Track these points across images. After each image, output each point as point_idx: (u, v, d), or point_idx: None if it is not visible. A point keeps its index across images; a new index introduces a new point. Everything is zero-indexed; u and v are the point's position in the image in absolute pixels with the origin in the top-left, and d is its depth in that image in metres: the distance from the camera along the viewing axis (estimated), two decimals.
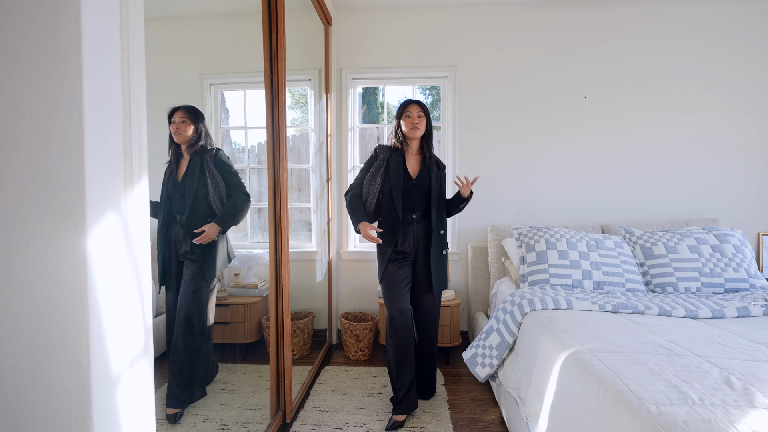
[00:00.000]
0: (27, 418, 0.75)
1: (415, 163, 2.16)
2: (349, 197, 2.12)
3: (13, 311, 0.74)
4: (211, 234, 1.52)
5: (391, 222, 2.08)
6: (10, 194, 0.73)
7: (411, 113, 2.09)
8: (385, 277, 2.08)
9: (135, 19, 0.85)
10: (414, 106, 2.10)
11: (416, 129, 2.08)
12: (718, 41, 2.94)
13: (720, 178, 3.00)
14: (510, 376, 1.83)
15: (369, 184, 2.09)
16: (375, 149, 2.19)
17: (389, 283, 2.05)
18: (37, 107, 0.73)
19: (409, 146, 2.15)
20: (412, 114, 2.09)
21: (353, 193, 2.13)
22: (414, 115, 2.09)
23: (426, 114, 2.10)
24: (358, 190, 2.13)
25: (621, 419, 1.04)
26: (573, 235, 2.49)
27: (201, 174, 1.54)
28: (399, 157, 2.11)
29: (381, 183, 2.10)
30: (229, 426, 1.87)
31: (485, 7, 3.01)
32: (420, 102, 2.12)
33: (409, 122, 2.09)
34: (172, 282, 1.62)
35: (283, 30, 1.91)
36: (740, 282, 2.29)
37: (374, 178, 2.09)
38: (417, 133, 2.09)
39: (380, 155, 2.13)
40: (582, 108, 3.02)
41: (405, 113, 2.11)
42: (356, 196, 2.12)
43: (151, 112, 0.92)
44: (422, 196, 2.10)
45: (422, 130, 2.10)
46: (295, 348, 2.73)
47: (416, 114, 2.09)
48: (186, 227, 1.51)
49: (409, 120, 2.09)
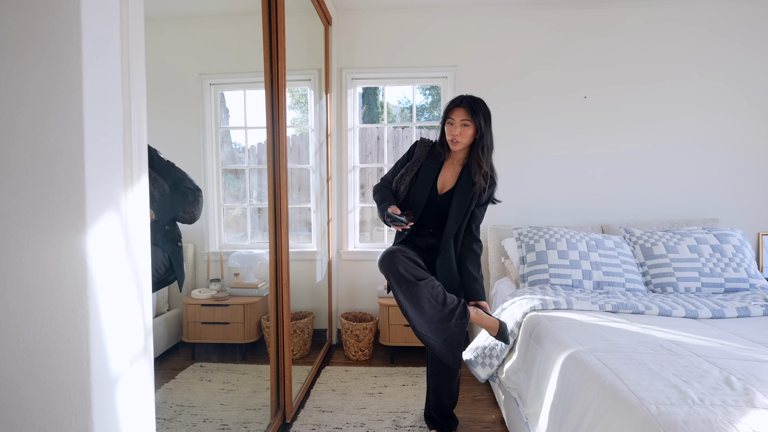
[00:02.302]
0: (27, 418, 0.75)
1: (451, 175, 1.80)
2: (378, 188, 1.88)
3: (13, 311, 0.74)
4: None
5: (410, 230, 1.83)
6: (10, 194, 0.73)
7: (454, 120, 1.70)
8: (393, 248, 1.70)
9: (135, 19, 0.85)
10: (459, 111, 1.69)
11: (456, 143, 1.70)
12: (718, 41, 2.94)
13: (720, 178, 3.00)
14: (510, 376, 1.83)
15: (398, 184, 1.83)
16: (415, 143, 1.86)
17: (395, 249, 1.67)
18: (37, 107, 0.73)
19: (451, 154, 1.80)
20: (455, 122, 1.69)
21: (382, 185, 1.89)
22: (457, 123, 1.69)
23: (475, 121, 1.67)
24: (387, 184, 1.89)
25: (621, 419, 1.04)
26: (573, 235, 2.49)
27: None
28: (435, 164, 1.79)
29: (408, 187, 1.80)
30: (229, 426, 1.87)
31: (485, 7, 3.01)
32: (469, 103, 1.68)
33: (450, 131, 1.71)
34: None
35: (283, 30, 1.91)
36: (740, 282, 2.29)
37: (403, 178, 1.81)
38: (456, 146, 1.71)
39: (417, 154, 1.83)
40: (582, 108, 3.02)
41: (448, 119, 1.72)
42: (385, 186, 1.87)
43: (151, 112, 0.92)
44: (442, 214, 1.77)
45: (464, 143, 1.71)
46: (295, 348, 2.73)
47: (459, 122, 1.68)
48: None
49: (450, 129, 1.71)
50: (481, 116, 1.68)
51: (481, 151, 1.71)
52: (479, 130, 1.69)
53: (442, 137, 1.79)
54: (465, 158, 1.79)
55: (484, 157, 1.72)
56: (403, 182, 1.80)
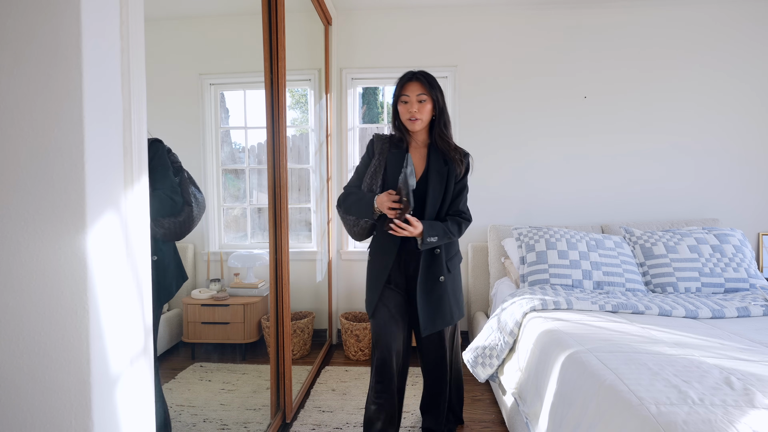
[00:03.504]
0: (27, 418, 0.75)
1: (419, 158, 1.64)
2: (345, 195, 1.68)
3: (13, 311, 0.74)
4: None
5: (385, 241, 1.63)
6: (10, 194, 0.73)
7: (409, 97, 1.56)
8: (377, 308, 1.63)
9: (135, 19, 0.85)
10: (413, 86, 1.55)
11: (415, 121, 1.56)
12: (718, 41, 2.94)
13: (720, 178, 3.00)
14: (510, 376, 1.83)
15: (370, 186, 1.63)
16: (371, 142, 1.68)
17: (378, 315, 1.62)
18: (37, 107, 0.73)
19: (412, 137, 1.65)
20: (410, 98, 1.55)
21: (347, 192, 1.69)
22: (413, 100, 1.55)
23: (431, 94, 1.55)
24: (355, 190, 1.69)
25: (621, 419, 1.04)
26: (573, 235, 2.49)
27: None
28: (400, 153, 1.61)
29: (382, 185, 1.62)
30: (229, 426, 1.87)
31: (485, 7, 3.01)
32: (423, 76, 1.56)
33: (406, 110, 1.57)
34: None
35: (283, 30, 1.91)
36: (740, 282, 2.29)
37: (375, 177, 1.62)
38: (416, 125, 1.56)
39: (377, 151, 1.65)
40: (582, 108, 3.02)
41: (401, 96, 1.57)
42: (351, 193, 1.68)
43: (151, 112, 0.92)
44: (420, 202, 1.60)
45: (424, 120, 1.56)
46: (295, 348, 2.73)
47: (416, 97, 1.54)
48: None
49: (405, 107, 1.57)
50: (437, 89, 1.56)
51: (444, 127, 1.60)
52: (437, 104, 1.57)
53: (396, 119, 1.63)
54: (427, 138, 1.65)
55: (447, 132, 1.60)
56: (375, 181, 1.61)
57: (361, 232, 1.71)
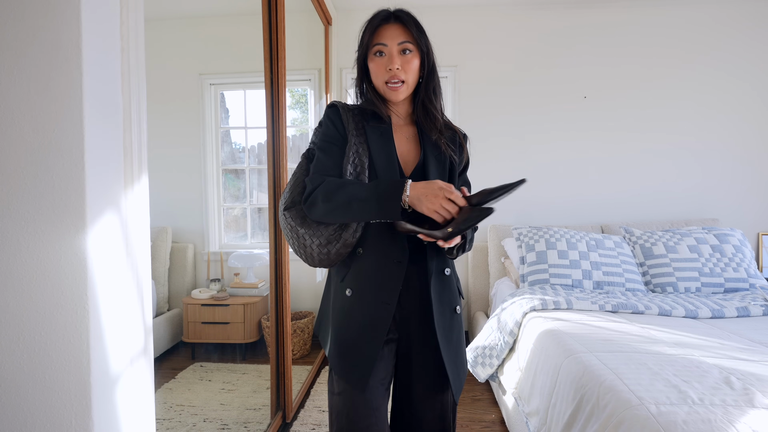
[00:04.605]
0: (27, 418, 0.75)
1: (406, 140, 1.08)
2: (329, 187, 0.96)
3: (13, 311, 0.74)
4: None
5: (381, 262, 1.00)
6: (10, 194, 0.74)
7: (387, 46, 1.00)
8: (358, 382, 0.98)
9: (135, 19, 0.85)
10: (393, 30, 1.01)
11: (398, 85, 1.00)
12: (718, 41, 2.94)
13: (720, 178, 3.00)
14: (510, 376, 1.83)
15: (359, 173, 1.02)
16: (334, 112, 1.05)
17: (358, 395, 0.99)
18: (37, 107, 0.73)
19: (392, 110, 1.08)
20: (389, 48, 1.00)
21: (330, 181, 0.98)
22: (392, 51, 1.00)
23: (419, 43, 1.03)
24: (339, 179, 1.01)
25: (621, 419, 1.04)
26: (573, 235, 2.49)
27: None
28: (384, 131, 1.03)
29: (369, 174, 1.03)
30: (229, 426, 1.87)
31: (485, 8, 3.01)
32: (407, 15, 1.06)
33: (382, 67, 1.00)
34: None
35: (283, 30, 1.91)
36: (740, 282, 2.29)
37: (359, 160, 1.01)
38: (399, 92, 1.01)
39: (350, 129, 1.02)
40: (582, 108, 3.02)
41: (375, 46, 1.01)
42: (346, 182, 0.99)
43: (151, 112, 0.92)
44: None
45: (410, 83, 1.02)
46: (295, 348, 2.73)
47: (397, 47, 1.00)
48: None
49: (381, 63, 1.00)
50: (426, 37, 1.07)
51: (434, 95, 1.07)
52: (426, 60, 1.04)
53: (364, 81, 1.07)
54: (410, 109, 1.10)
55: (437, 102, 1.07)
56: (359, 166, 1.01)
57: (338, 252, 0.99)
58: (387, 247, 1.00)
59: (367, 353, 0.98)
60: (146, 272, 0.89)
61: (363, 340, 0.99)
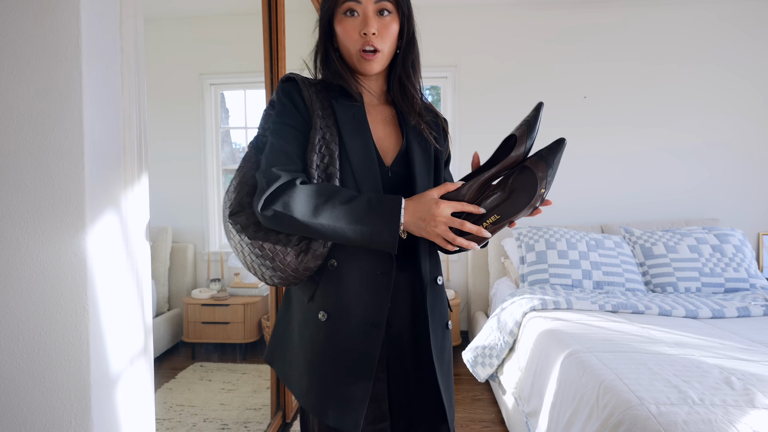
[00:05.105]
0: (26, 418, 0.75)
1: (382, 123, 0.90)
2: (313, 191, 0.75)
3: (13, 311, 0.74)
4: None
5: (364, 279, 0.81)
6: (10, 194, 0.74)
7: (360, 4, 0.81)
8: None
9: (135, 19, 0.85)
10: None
11: (372, 54, 0.83)
12: (718, 41, 2.94)
13: (720, 177, 3.00)
14: (510, 376, 1.83)
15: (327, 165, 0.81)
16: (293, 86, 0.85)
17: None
18: (37, 107, 0.73)
19: (363, 84, 0.89)
20: (364, 6, 0.81)
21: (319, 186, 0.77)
22: (368, 11, 0.81)
23: (399, 5, 0.86)
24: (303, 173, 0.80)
25: (621, 419, 1.04)
26: (573, 235, 2.49)
27: None
28: (357, 111, 0.85)
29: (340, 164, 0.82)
30: (229, 426, 1.87)
31: (485, 8, 3.01)
32: None
33: (354, 31, 0.82)
34: None
35: (283, 30, 1.91)
36: (740, 282, 2.29)
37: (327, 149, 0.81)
38: (375, 62, 0.84)
39: (314, 109, 0.82)
40: (582, 108, 3.02)
41: (344, 3, 0.81)
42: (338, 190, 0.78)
43: (151, 112, 0.92)
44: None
45: (386, 52, 0.86)
46: None
47: (374, 8, 0.82)
48: None
49: (352, 25, 0.82)
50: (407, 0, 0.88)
51: (412, 69, 0.92)
52: (405, 26, 0.89)
53: (329, 48, 0.88)
54: (385, 92, 0.94)
55: (415, 78, 0.93)
56: (327, 156, 0.80)
57: (306, 267, 0.80)
58: (368, 255, 0.80)
59: (356, 392, 0.78)
60: (146, 272, 0.89)
61: (351, 375, 0.79)
